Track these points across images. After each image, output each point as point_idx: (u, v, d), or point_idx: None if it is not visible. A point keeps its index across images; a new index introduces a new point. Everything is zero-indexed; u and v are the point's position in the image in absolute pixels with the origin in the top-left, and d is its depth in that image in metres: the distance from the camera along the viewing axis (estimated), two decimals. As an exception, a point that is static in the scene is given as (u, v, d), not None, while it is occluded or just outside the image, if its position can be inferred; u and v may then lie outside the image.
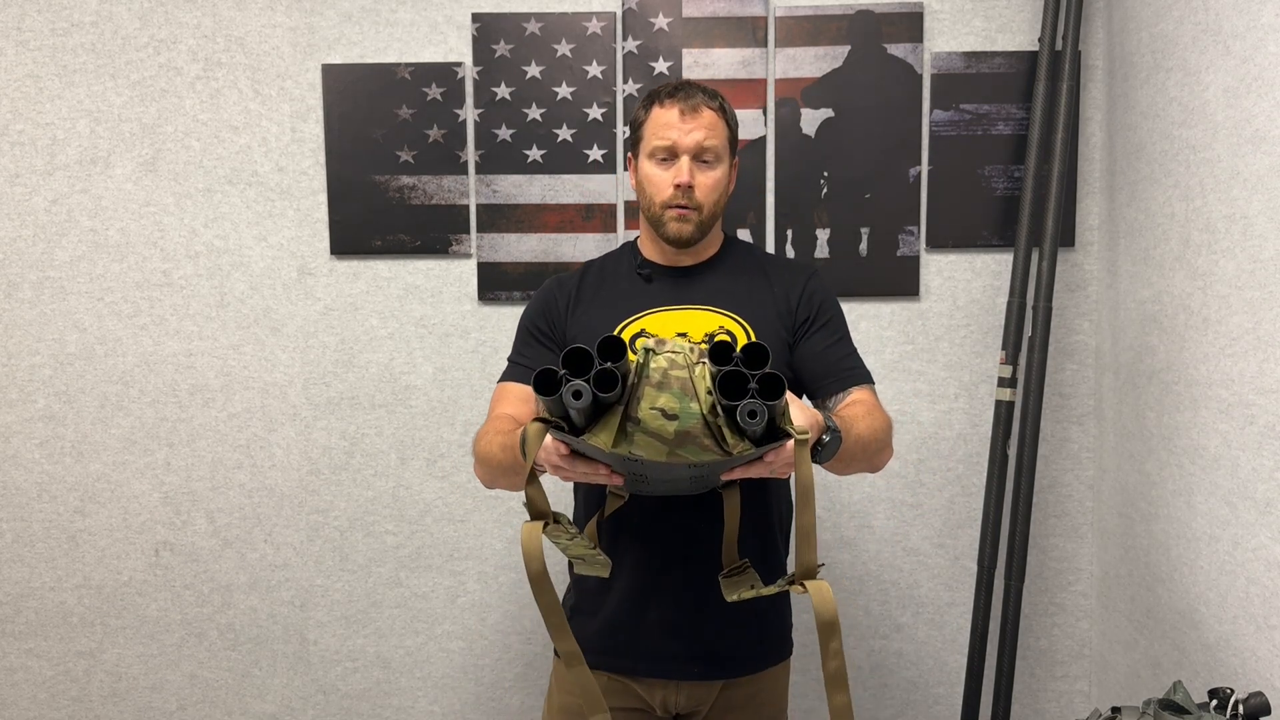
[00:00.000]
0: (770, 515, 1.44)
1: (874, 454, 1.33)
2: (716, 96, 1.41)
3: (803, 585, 1.10)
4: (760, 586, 1.25)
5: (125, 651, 2.17)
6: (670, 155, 1.38)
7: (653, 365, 1.03)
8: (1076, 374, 2.03)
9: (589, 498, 1.45)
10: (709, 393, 1.03)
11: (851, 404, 1.37)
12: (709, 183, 1.39)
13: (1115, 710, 1.15)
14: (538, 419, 1.08)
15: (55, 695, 2.18)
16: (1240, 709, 1.08)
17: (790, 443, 1.07)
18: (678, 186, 1.37)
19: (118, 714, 2.18)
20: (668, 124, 1.38)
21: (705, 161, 1.39)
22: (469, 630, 2.15)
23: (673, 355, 1.04)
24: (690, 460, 1.05)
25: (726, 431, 1.03)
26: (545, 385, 1.03)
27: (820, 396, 1.42)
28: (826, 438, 1.18)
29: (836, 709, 1.09)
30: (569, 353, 1.02)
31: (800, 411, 1.12)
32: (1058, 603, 2.07)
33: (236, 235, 2.08)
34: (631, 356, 1.05)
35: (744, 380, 1.02)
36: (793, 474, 1.09)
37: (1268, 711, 1.08)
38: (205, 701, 2.17)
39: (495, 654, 2.15)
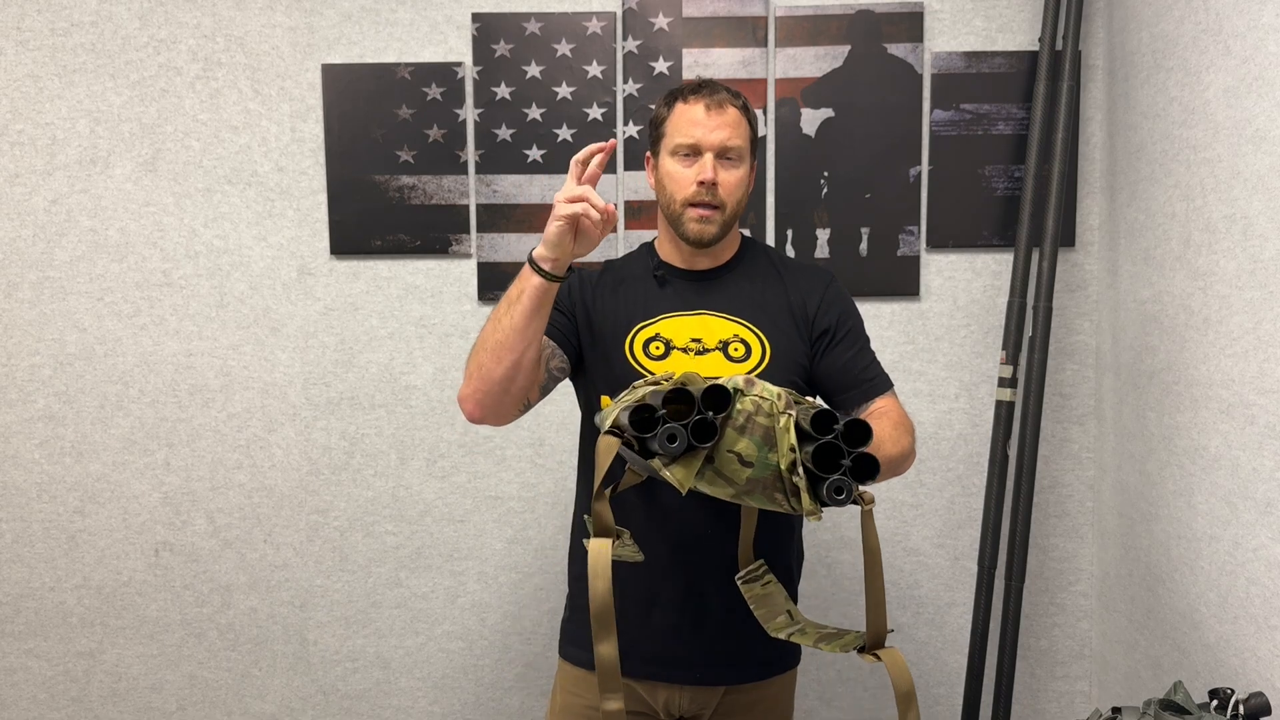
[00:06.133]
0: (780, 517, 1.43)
1: (898, 464, 1.31)
2: (740, 96, 1.40)
3: (875, 655, 1.09)
4: (782, 593, 1.26)
5: (125, 652, 2.17)
6: (694, 152, 1.37)
7: (738, 407, 1.01)
8: (1077, 374, 2.03)
9: (591, 470, 1.42)
10: (791, 449, 1.00)
11: (878, 416, 1.35)
12: (732, 181, 1.37)
13: (1116, 710, 1.15)
14: (610, 432, 1.06)
15: (55, 695, 2.18)
16: (1241, 709, 1.08)
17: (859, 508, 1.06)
18: (701, 184, 1.35)
19: (118, 714, 2.18)
20: (693, 121, 1.36)
21: (729, 159, 1.37)
22: (469, 630, 2.15)
23: (760, 400, 1.02)
24: (753, 506, 1.04)
25: (804, 494, 1.01)
26: (642, 423, 1.02)
27: (844, 408, 1.41)
28: None
29: None
30: (671, 394, 1.01)
31: None
32: (1058, 603, 2.07)
33: (236, 235, 2.08)
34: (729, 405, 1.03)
35: (838, 454, 1.00)
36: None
37: (1268, 711, 1.08)
38: (205, 702, 2.17)
39: (495, 654, 2.15)
